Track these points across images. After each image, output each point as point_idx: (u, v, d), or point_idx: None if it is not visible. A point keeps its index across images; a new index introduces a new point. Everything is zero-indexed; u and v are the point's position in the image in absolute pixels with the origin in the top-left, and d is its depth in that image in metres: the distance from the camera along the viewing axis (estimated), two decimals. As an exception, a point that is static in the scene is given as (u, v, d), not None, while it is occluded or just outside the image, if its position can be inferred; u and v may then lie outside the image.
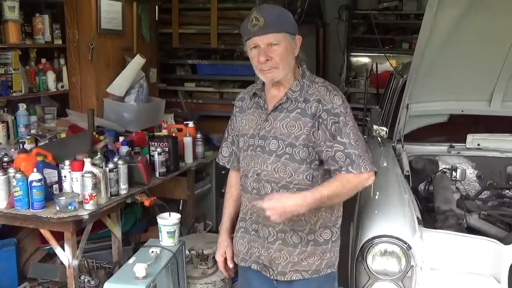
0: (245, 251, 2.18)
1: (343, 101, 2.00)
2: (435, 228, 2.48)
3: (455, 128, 3.48)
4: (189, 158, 3.91)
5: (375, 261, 2.19)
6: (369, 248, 2.20)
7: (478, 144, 3.31)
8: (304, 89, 2.03)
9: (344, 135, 1.94)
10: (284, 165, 2.02)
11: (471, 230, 2.55)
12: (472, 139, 3.31)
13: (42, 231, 2.95)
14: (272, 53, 1.97)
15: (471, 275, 2.18)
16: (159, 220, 2.87)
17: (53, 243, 2.96)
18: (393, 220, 2.31)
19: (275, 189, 2.03)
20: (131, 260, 2.67)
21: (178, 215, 2.92)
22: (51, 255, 3.71)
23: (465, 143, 3.34)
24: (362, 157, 1.93)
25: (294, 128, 2.01)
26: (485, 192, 3.16)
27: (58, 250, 2.98)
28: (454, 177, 3.20)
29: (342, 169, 1.93)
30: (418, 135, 3.49)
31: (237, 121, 2.22)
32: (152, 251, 2.74)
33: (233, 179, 2.35)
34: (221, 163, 2.35)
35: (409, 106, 3.31)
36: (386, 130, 3.33)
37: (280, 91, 2.07)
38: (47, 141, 3.58)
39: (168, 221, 2.85)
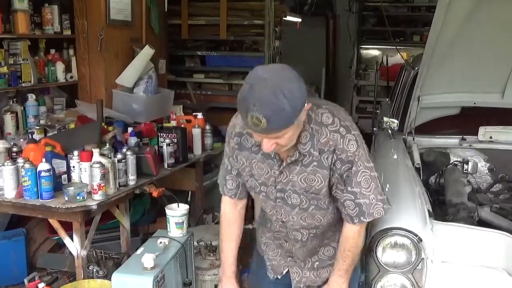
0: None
1: (357, 145, 1.81)
2: (446, 221, 2.44)
3: (467, 121, 3.44)
4: (197, 150, 3.90)
5: (385, 254, 2.16)
6: (379, 240, 2.17)
7: (490, 137, 3.26)
8: (314, 138, 1.81)
9: (355, 184, 1.84)
10: (311, 215, 1.97)
11: (483, 223, 2.51)
12: (484, 132, 3.27)
13: (51, 221, 2.96)
14: (279, 140, 1.72)
15: (482, 268, 2.15)
16: (167, 211, 2.86)
17: (62, 233, 2.97)
18: (404, 212, 2.28)
19: (304, 234, 2.03)
20: (139, 251, 2.66)
21: (187, 206, 2.91)
22: (60, 245, 3.73)
23: (477, 135, 3.29)
24: (374, 204, 1.86)
25: (313, 181, 1.87)
26: (497, 185, 3.12)
27: (66, 240, 2.99)
28: (465, 170, 3.16)
29: (354, 220, 1.89)
30: (429, 128, 3.45)
31: (239, 159, 1.99)
32: (161, 242, 2.72)
33: (231, 212, 2.12)
34: (228, 196, 2.11)
35: (420, 98, 3.27)
36: (397, 122, 3.30)
37: None
38: (56, 132, 3.59)
39: (176, 212, 2.84)
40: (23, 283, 3.34)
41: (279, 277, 2.19)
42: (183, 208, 2.89)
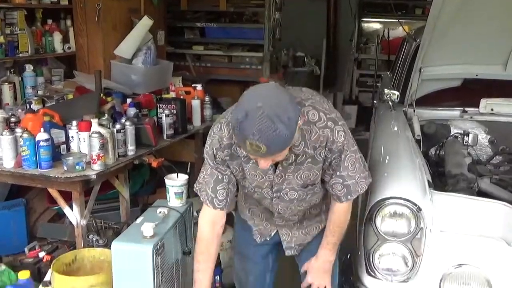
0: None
1: (345, 135, 1.86)
2: (445, 191, 2.44)
3: (469, 93, 3.40)
4: (197, 121, 3.88)
5: (384, 223, 2.16)
6: (379, 209, 2.17)
7: (492, 109, 3.24)
8: (306, 137, 1.84)
9: (343, 169, 1.93)
10: (308, 201, 2.07)
11: (482, 194, 2.51)
12: (486, 104, 3.24)
13: (50, 190, 2.96)
14: (276, 158, 1.78)
15: (481, 237, 2.15)
16: (166, 181, 2.85)
17: (62, 202, 2.98)
18: (404, 182, 2.28)
19: (296, 212, 2.11)
20: (138, 220, 2.67)
21: (186, 176, 2.90)
22: (60, 216, 3.74)
23: (478, 108, 3.27)
24: (359, 182, 1.98)
25: (309, 176, 1.95)
26: (497, 157, 3.11)
27: (66, 210, 2.99)
28: (466, 142, 3.15)
29: (342, 199, 2.00)
30: (430, 100, 3.42)
31: (231, 168, 1.97)
32: (160, 211, 2.73)
33: (210, 233, 2.03)
34: (218, 208, 2.01)
35: (421, 70, 3.24)
36: (397, 94, 3.28)
37: None
38: (54, 102, 3.57)
39: (176, 182, 2.83)
40: (24, 252, 3.38)
41: (268, 239, 2.20)
42: (183, 178, 2.88)
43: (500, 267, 2.09)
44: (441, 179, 2.82)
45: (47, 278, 2.76)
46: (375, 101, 4.63)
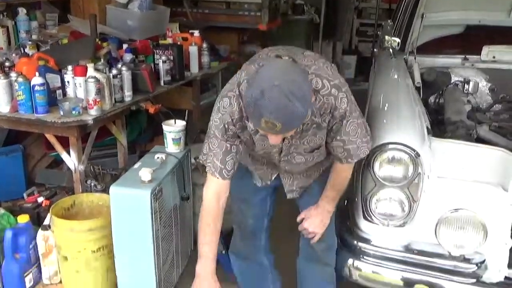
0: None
1: (347, 100, 1.86)
2: (444, 138, 2.43)
3: (471, 40, 3.34)
4: (194, 68, 3.83)
5: (382, 168, 2.16)
6: (377, 155, 2.16)
7: (494, 57, 3.19)
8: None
9: (344, 134, 1.94)
10: (314, 162, 2.11)
11: (481, 141, 2.49)
12: (488, 51, 3.19)
13: (47, 136, 2.94)
14: (288, 134, 1.82)
15: (477, 183, 2.15)
16: (164, 127, 2.85)
17: (59, 148, 2.97)
18: (402, 128, 2.26)
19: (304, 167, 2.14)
20: (136, 165, 2.67)
21: (183, 122, 2.89)
22: (58, 162, 3.74)
23: (480, 55, 3.22)
24: (360, 147, 1.99)
25: (315, 141, 1.98)
26: (497, 105, 3.08)
27: (64, 155, 2.99)
28: (466, 90, 3.11)
29: (343, 161, 2.04)
30: (431, 48, 3.36)
31: (241, 138, 1.98)
32: (158, 157, 2.73)
33: (216, 207, 1.99)
34: (226, 179, 1.99)
35: (424, 16, 3.17)
36: (398, 41, 3.22)
37: None
38: (48, 47, 3.50)
39: (173, 127, 2.82)
40: (23, 198, 3.39)
41: (268, 183, 2.21)
42: (180, 124, 2.87)
43: (496, 212, 2.10)
44: (440, 127, 2.80)
45: (46, 222, 2.79)
46: (375, 50, 4.56)
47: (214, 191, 1.99)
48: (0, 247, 2.69)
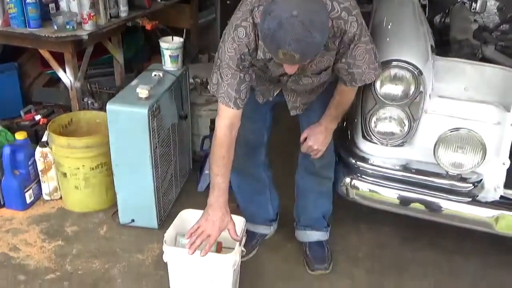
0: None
1: (357, 24, 1.79)
2: (448, 57, 2.37)
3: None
4: (192, -16, 3.69)
5: (384, 86, 2.11)
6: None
7: (503, -26, 3.06)
8: None
9: (350, 57, 1.89)
10: (320, 83, 2.06)
11: (486, 61, 2.43)
12: (497, -32, 3.06)
13: (41, 51, 2.88)
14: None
15: (479, 103, 2.12)
16: (161, 44, 2.77)
17: (54, 64, 2.92)
18: (406, 46, 2.20)
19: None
20: (133, 82, 2.63)
21: (181, 39, 2.81)
22: (54, 81, 3.69)
23: (489, -28, 3.08)
24: (365, 72, 1.94)
25: (322, 63, 1.92)
26: (504, 25, 2.98)
27: (60, 73, 2.94)
28: (473, 9, 2.99)
29: (347, 84, 1.99)
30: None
31: (256, 65, 1.93)
32: (155, 75, 2.68)
33: (229, 137, 1.96)
34: (240, 108, 1.94)
35: None
36: (406, -43, 3.06)
37: None
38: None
39: (171, 44, 2.75)
40: (20, 116, 3.37)
41: (270, 99, 2.18)
42: (178, 40, 2.80)
43: (496, 133, 2.09)
44: (445, 48, 2.73)
45: (44, 139, 2.78)
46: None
47: (228, 122, 1.95)
48: (-1, 163, 2.70)
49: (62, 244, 2.56)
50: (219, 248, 2.17)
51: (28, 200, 2.78)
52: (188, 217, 2.19)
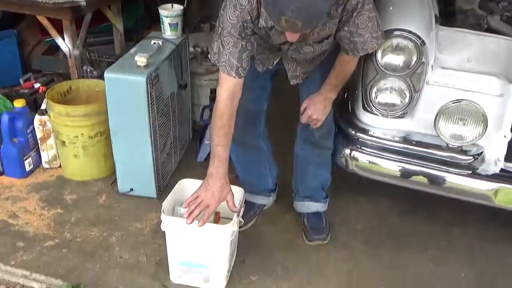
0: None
1: None
2: (453, 27, 2.32)
3: None
4: (193, -50, 3.61)
5: (385, 56, 2.07)
6: (380, 42, 2.07)
7: None
8: None
9: (353, 25, 1.86)
10: (321, 51, 2.03)
11: (491, 32, 2.38)
12: None
13: (40, 18, 2.85)
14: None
15: (482, 75, 2.08)
16: (161, 11, 2.73)
17: (53, 32, 2.89)
18: (409, 15, 2.14)
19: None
20: (132, 50, 2.59)
21: (181, 7, 2.77)
22: (53, 49, 3.66)
23: None
24: (367, 41, 1.91)
25: (324, 31, 1.88)
26: (511, -5, 2.92)
27: (58, 40, 2.91)
28: (480, -22, 2.93)
29: (348, 53, 1.96)
30: None
31: (258, 33, 1.91)
32: (154, 43, 2.65)
33: (231, 108, 1.94)
34: (242, 77, 1.92)
35: None
36: None
37: None
38: None
39: (170, 11, 2.71)
40: (20, 84, 3.35)
41: (270, 68, 2.15)
42: (177, 8, 2.75)
43: (499, 104, 2.06)
44: (449, 18, 2.67)
45: (42, 107, 2.76)
46: None
47: (230, 91, 1.92)
48: (-2, 131, 2.69)
49: (61, 212, 2.56)
50: (217, 218, 2.17)
51: (28, 168, 2.78)
52: (186, 186, 2.19)
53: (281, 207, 2.64)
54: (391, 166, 2.25)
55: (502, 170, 2.17)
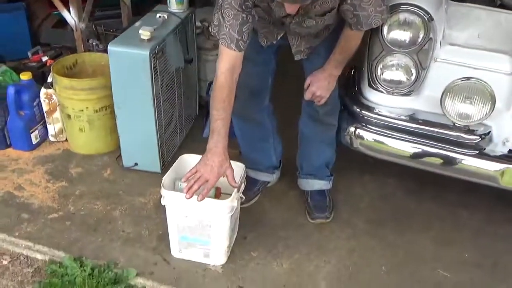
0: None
1: None
2: (463, 2, 2.25)
3: None
4: None
5: (392, 32, 2.02)
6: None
7: None
8: None
9: None
10: (324, 26, 1.99)
11: (504, 8, 2.30)
12: None
13: (45, -10, 2.82)
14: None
15: (492, 52, 2.02)
16: (166, -16, 2.69)
17: (59, 4, 2.88)
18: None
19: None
20: (137, 24, 2.56)
21: (188, -20, 2.72)
22: (62, 23, 3.64)
23: None
24: (371, 15, 1.87)
25: (327, 3, 1.84)
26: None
27: (64, 13, 2.89)
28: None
29: (352, 28, 1.92)
30: None
31: (260, 6, 1.89)
32: (160, 16, 2.62)
33: (231, 82, 1.91)
34: (242, 50, 1.88)
35: None
36: None
37: None
38: None
39: (176, -16, 2.66)
40: (28, 58, 3.36)
41: (274, 42, 2.12)
42: (184, -19, 2.71)
43: (508, 83, 2.00)
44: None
45: (49, 80, 2.76)
46: None
47: (230, 65, 1.89)
48: (4, 104, 2.70)
49: (66, 185, 2.58)
50: (218, 193, 2.16)
51: (34, 141, 2.80)
52: (188, 161, 2.18)
53: (285, 184, 2.62)
54: (396, 145, 2.21)
55: (510, 151, 2.13)
